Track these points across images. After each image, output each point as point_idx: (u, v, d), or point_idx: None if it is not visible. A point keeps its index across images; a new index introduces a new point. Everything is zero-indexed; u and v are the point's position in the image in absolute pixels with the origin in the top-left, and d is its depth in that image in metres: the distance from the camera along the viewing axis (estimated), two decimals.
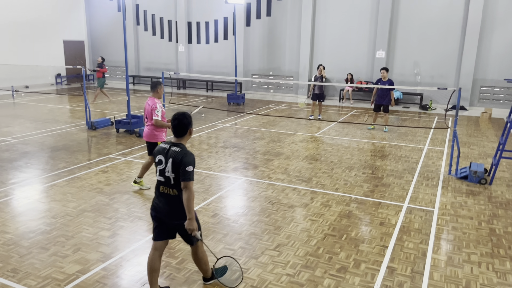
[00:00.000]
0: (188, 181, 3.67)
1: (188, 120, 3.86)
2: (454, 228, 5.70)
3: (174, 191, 3.79)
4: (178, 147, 3.79)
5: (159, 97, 6.71)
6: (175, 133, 3.86)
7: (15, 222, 5.66)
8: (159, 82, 6.72)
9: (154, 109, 6.50)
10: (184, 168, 3.66)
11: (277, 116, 14.09)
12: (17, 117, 13.19)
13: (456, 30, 16.24)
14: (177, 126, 3.83)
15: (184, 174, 3.66)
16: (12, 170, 7.90)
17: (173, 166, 3.72)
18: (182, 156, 3.69)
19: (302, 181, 7.52)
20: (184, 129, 3.85)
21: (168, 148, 3.82)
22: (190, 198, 3.68)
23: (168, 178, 3.79)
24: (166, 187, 3.83)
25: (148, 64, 23.38)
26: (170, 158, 3.75)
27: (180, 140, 3.87)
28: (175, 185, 3.77)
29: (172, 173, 3.74)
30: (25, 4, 20.24)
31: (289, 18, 19.19)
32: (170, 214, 3.83)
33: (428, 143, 10.68)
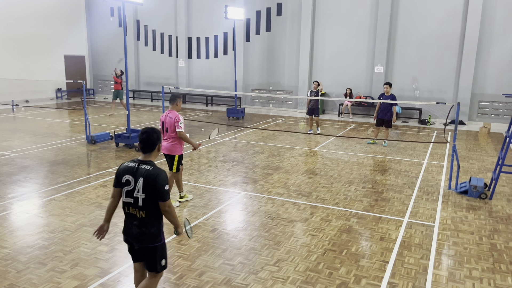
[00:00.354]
0: (166, 200, 3.52)
1: (157, 135, 3.64)
2: (455, 243, 5.66)
3: (142, 213, 3.54)
4: (149, 165, 3.55)
5: (178, 110, 6.76)
6: (143, 149, 3.63)
7: (13, 236, 5.62)
8: (178, 95, 6.79)
9: (177, 121, 6.52)
10: (161, 189, 3.47)
11: (276, 130, 14.12)
12: (17, 131, 13.20)
13: (454, 45, 16.40)
14: (145, 141, 3.60)
15: (163, 194, 3.48)
16: (10, 184, 7.87)
17: (145, 186, 3.48)
18: (157, 175, 3.48)
19: (302, 196, 7.49)
20: (152, 144, 3.62)
21: (136, 166, 3.57)
22: (175, 215, 3.60)
23: (136, 199, 3.54)
24: (133, 209, 3.58)
25: (148, 79, 23.52)
26: (140, 178, 3.50)
27: (149, 157, 3.63)
28: (144, 206, 3.53)
29: (143, 193, 3.50)
30: (27, 19, 20.45)
31: (288, 34, 19.39)
32: (138, 237, 3.60)
33: (427, 157, 10.68)
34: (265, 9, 19.78)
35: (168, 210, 3.55)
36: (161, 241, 3.67)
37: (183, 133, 6.57)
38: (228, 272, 4.77)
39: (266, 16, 19.82)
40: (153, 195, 3.49)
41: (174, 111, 6.66)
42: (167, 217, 3.61)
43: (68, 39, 23.02)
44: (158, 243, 3.64)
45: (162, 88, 10.99)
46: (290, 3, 19.14)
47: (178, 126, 6.52)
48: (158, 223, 3.62)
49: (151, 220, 3.57)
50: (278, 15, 19.52)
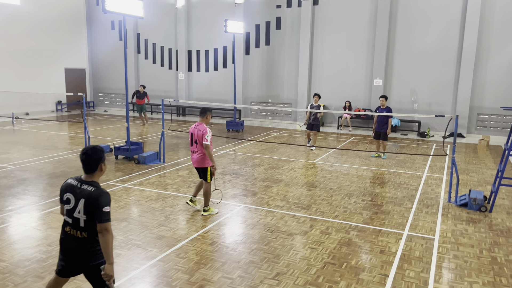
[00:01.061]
0: (106, 222, 3.34)
1: (98, 155, 3.48)
2: (455, 256, 5.63)
3: (84, 233, 3.42)
4: (91, 185, 3.43)
5: (207, 123, 6.90)
6: (84, 170, 3.50)
7: (11, 250, 5.58)
8: (208, 109, 6.94)
9: (205, 134, 6.67)
10: (100, 209, 3.33)
11: (276, 143, 14.14)
12: (16, 144, 13.21)
13: (452, 58, 16.54)
14: (85, 162, 3.46)
15: (102, 216, 3.32)
16: (9, 197, 7.85)
17: (86, 207, 3.36)
18: (98, 197, 3.35)
19: (302, 208, 7.47)
20: (93, 165, 3.47)
21: (78, 186, 3.46)
22: (109, 242, 3.36)
23: (76, 220, 3.41)
24: (73, 229, 3.45)
25: (148, 92, 23.48)
26: (82, 198, 3.38)
27: (91, 178, 3.50)
28: (85, 228, 3.40)
29: (84, 215, 3.38)
30: (28, 32, 20.63)
31: (287, 47, 19.55)
32: (79, 257, 3.47)
33: (427, 170, 10.68)
34: (264, 23, 19.98)
35: (103, 232, 3.34)
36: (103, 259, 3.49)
37: (209, 146, 6.70)
38: (227, 286, 4.73)
39: (266, 29, 20.01)
40: (93, 216, 3.36)
41: (203, 124, 6.84)
42: (100, 240, 3.37)
43: (69, 52, 23.18)
44: (102, 260, 3.49)
45: (162, 100, 11.03)
46: (289, 17, 19.35)
47: (205, 139, 6.68)
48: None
49: (95, 240, 3.45)
50: (277, 28, 19.71)
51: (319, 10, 18.64)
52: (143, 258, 5.39)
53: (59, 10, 22.28)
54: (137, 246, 5.76)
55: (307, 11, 18.60)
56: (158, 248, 5.72)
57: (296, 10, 19.09)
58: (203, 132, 6.70)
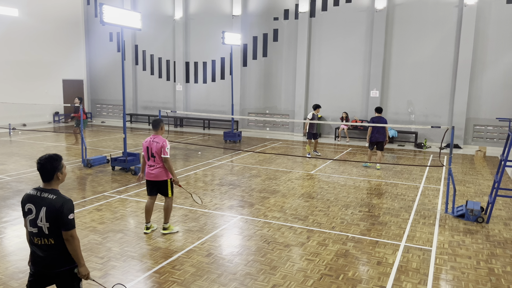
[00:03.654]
0: (71, 229, 3.38)
1: (52, 165, 3.45)
2: (453, 267, 5.61)
3: (51, 240, 3.42)
4: (52, 193, 3.42)
5: (162, 134, 6.61)
6: (42, 178, 3.49)
7: (5, 262, 5.53)
8: (161, 120, 6.66)
9: (164, 146, 6.35)
10: (65, 217, 3.35)
11: (273, 154, 14.14)
12: (13, 155, 13.17)
13: (448, 70, 16.68)
14: (40, 171, 3.45)
15: (67, 224, 3.35)
16: (5, 208, 7.80)
17: (48, 215, 3.36)
18: (62, 204, 3.36)
19: (298, 220, 7.45)
20: (48, 174, 3.45)
21: (38, 195, 3.45)
22: (76, 247, 3.41)
23: (40, 228, 3.41)
24: (38, 238, 3.43)
25: (145, 103, 23.67)
26: (43, 207, 3.38)
27: (50, 186, 3.49)
28: (50, 234, 3.41)
29: (47, 223, 3.37)
30: (26, 43, 20.71)
31: (284, 59, 19.69)
32: (49, 264, 3.47)
33: (424, 181, 10.69)
34: (261, 34, 20.14)
35: (70, 239, 3.38)
36: (73, 263, 3.50)
37: (169, 160, 6.40)
38: None
39: (263, 41, 20.16)
40: (57, 223, 3.37)
41: (159, 135, 6.50)
42: (68, 247, 3.41)
43: (67, 64, 23.27)
44: (71, 265, 3.49)
45: (159, 112, 11.05)
46: (286, 29, 19.52)
47: (164, 152, 6.34)
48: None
49: (62, 245, 3.44)
50: (274, 40, 19.87)
51: (316, 22, 18.82)
52: (138, 270, 5.35)
53: (58, 22, 22.42)
54: (133, 258, 5.72)
55: (304, 23, 18.78)
56: (154, 259, 5.68)
57: (293, 22, 19.27)
58: (162, 144, 6.35)
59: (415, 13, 16.96)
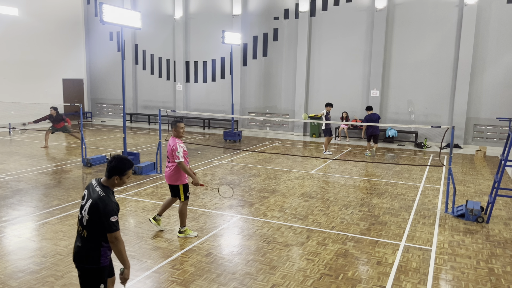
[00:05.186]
0: (114, 231, 3.37)
1: (114, 165, 3.52)
2: (453, 267, 5.60)
3: (85, 232, 3.46)
4: (103, 191, 3.46)
5: (179, 136, 6.43)
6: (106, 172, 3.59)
7: (4, 261, 5.52)
8: (177, 120, 6.50)
9: (175, 150, 6.17)
10: (107, 219, 3.34)
11: (273, 153, 14.13)
12: (13, 154, 13.16)
13: (448, 70, 16.66)
14: (107, 166, 3.55)
15: (109, 226, 3.35)
16: (4, 207, 7.79)
17: (91, 209, 3.40)
18: (104, 206, 3.37)
19: (298, 219, 7.44)
20: (109, 171, 3.53)
21: (94, 186, 3.53)
22: (121, 249, 3.42)
23: (83, 217, 3.46)
24: (79, 226, 3.53)
25: (145, 102, 23.65)
26: (90, 199, 3.43)
27: (107, 183, 3.55)
28: (87, 227, 3.43)
29: (87, 215, 3.41)
30: (26, 43, 20.69)
31: (284, 58, 19.67)
32: (77, 255, 3.51)
33: (424, 181, 10.68)
34: (262, 34, 20.12)
35: (114, 242, 3.39)
36: (97, 265, 3.47)
37: (182, 164, 6.15)
38: None
39: (263, 41, 20.14)
40: (97, 222, 3.39)
41: (173, 137, 6.39)
42: (113, 250, 3.44)
43: (67, 63, 23.25)
44: (93, 266, 3.47)
45: (159, 111, 11.03)
46: (286, 28, 19.51)
47: (176, 156, 6.14)
48: (98, 247, 3.45)
49: (91, 242, 3.44)
50: (274, 40, 19.85)
51: (316, 22, 18.80)
52: (138, 270, 5.34)
53: (58, 21, 22.40)
54: (132, 257, 5.71)
55: (304, 22, 18.77)
56: (153, 259, 5.67)
57: (294, 22, 19.25)
58: (172, 147, 6.19)
59: (415, 13, 16.94)
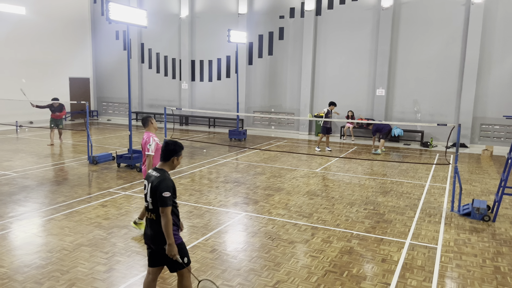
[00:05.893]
0: (164, 207, 3.65)
1: (173, 148, 3.85)
2: (458, 265, 5.56)
3: (153, 215, 3.79)
4: (158, 172, 3.81)
5: (154, 130, 6.51)
6: (161, 157, 3.90)
7: (11, 256, 5.56)
8: (148, 116, 6.55)
9: (147, 142, 6.26)
10: (160, 194, 3.64)
11: (278, 151, 14.12)
12: (19, 152, 13.26)
13: (454, 69, 16.55)
14: (163, 151, 3.87)
15: (161, 200, 3.65)
16: (11, 203, 7.85)
17: (151, 191, 3.74)
18: (159, 182, 3.69)
19: (303, 217, 7.43)
20: (166, 155, 3.85)
21: (151, 173, 3.88)
22: (167, 224, 3.66)
23: (148, 203, 3.81)
24: (148, 212, 3.85)
25: (151, 101, 23.73)
26: (150, 183, 3.78)
27: (163, 166, 3.88)
28: (153, 210, 3.77)
29: (150, 198, 3.76)
30: (33, 41, 20.83)
31: (290, 57, 19.65)
32: (152, 238, 3.82)
33: (429, 179, 10.62)
34: (267, 33, 20.12)
35: (162, 215, 3.67)
36: (176, 241, 3.77)
37: (150, 156, 6.20)
38: None
39: (269, 40, 20.13)
40: (156, 200, 3.70)
41: (146, 132, 6.43)
42: (162, 223, 3.69)
43: (74, 62, 23.38)
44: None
45: (165, 109, 11.07)
46: (292, 27, 19.49)
47: (147, 149, 6.21)
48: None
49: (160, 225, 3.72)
50: (280, 39, 19.84)
51: (322, 21, 18.76)
52: (142, 265, 5.36)
53: (64, 20, 22.53)
54: (137, 253, 5.73)
55: (310, 21, 18.74)
56: None
57: (299, 21, 19.22)
58: (145, 140, 6.26)
59: (421, 11, 16.85)
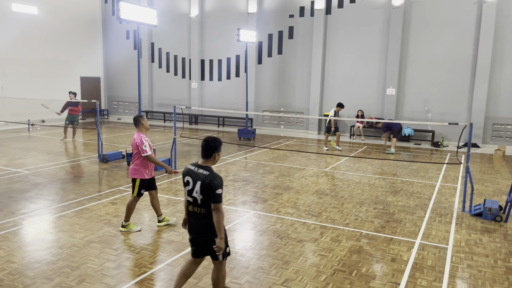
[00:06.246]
0: (218, 203, 3.86)
1: (215, 144, 4.04)
2: (469, 266, 5.49)
3: (202, 209, 3.98)
4: (206, 170, 3.97)
5: (145, 130, 6.47)
6: (202, 155, 4.07)
7: (22, 252, 5.63)
8: (139, 115, 6.51)
9: (140, 144, 6.22)
10: (214, 191, 3.84)
11: (287, 150, 14.09)
12: (31, 150, 13.42)
13: (466, 67, 16.35)
14: (203, 148, 4.05)
15: (215, 197, 3.85)
16: (22, 200, 7.95)
17: (202, 188, 3.90)
18: (211, 180, 3.87)
19: (312, 216, 7.40)
20: (208, 151, 4.03)
21: (195, 170, 4.01)
22: (220, 219, 3.88)
23: (195, 198, 3.98)
24: (194, 206, 4.02)
25: (161, 100, 23.85)
26: (198, 181, 3.93)
27: (206, 163, 4.05)
28: (202, 204, 3.95)
29: (200, 195, 3.93)
30: (45, 41, 21.07)
31: (299, 56, 19.59)
32: (200, 231, 4.04)
33: (440, 179, 10.51)
34: (277, 32, 20.09)
35: (215, 211, 3.89)
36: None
37: (151, 156, 6.23)
38: None
39: (278, 39, 20.10)
40: (208, 196, 3.89)
41: (137, 132, 6.40)
42: (214, 218, 3.91)
43: (85, 61, 23.60)
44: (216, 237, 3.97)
45: (174, 108, 11.10)
46: (301, 26, 19.43)
47: (143, 150, 6.19)
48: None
49: (210, 218, 3.94)
50: (290, 38, 19.79)
51: (332, 20, 18.68)
52: (151, 262, 5.39)
53: (76, 20, 22.74)
54: (146, 250, 5.76)
55: (319, 20, 18.67)
56: (167, 252, 5.71)
57: (309, 20, 19.16)
58: (137, 142, 6.22)
59: (433, 10, 16.68)
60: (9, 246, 5.79)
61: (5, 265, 5.19)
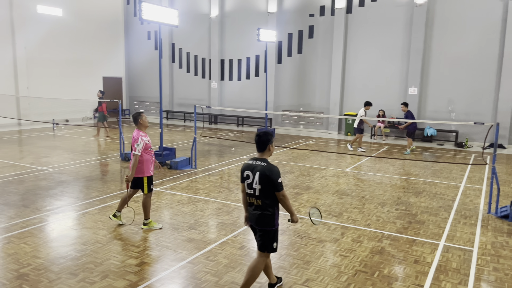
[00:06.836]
0: (280, 191, 4.17)
1: (267, 137, 4.29)
2: (495, 269, 5.35)
3: (259, 201, 4.24)
4: (263, 162, 4.24)
5: (142, 128, 6.45)
6: (257, 149, 4.34)
7: (47, 247, 5.76)
8: (138, 113, 6.52)
9: (133, 142, 6.26)
10: (275, 181, 4.14)
11: (307, 150, 14.01)
12: (56, 148, 13.73)
13: (492, 66, 15.93)
14: (257, 142, 4.31)
15: (277, 186, 4.15)
16: (47, 197, 8.14)
17: (260, 179, 4.17)
18: (270, 171, 4.15)
19: (333, 216, 7.34)
20: (263, 145, 4.29)
21: (253, 163, 4.28)
22: (288, 203, 4.25)
23: (254, 190, 4.24)
24: (253, 198, 4.28)
25: (181, 100, 24.07)
26: (257, 172, 4.19)
27: (263, 155, 4.33)
28: (260, 196, 4.21)
29: (259, 185, 4.19)
30: (69, 42, 21.54)
31: (320, 56, 19.46)
32: (257, 220, 4.28)
33: (465, 180, 10.27)
34: (297, 31, 20.00)
35: (282, 198, 4.21)
36: (274, 226, 4.30)
37: (136, 156, 6.15)
38: None
39: (298, 38, 20.02)
40: (268, 186, 4.16)
41: (136, 130, 6.42)
42: (282, 205, 4.26)
43: (107, 62, 24.02)
44: (271, 228, 4.29)
45: (195, 107, 11.18)
46: (322, 25, 19.30)
47: (134, 149, 6.17)
48: (273, 210, 4.26)
49: (266, 207, 4.23)
50: (310, 37, 19.68)
51: (353, 18, 18.49)
52: (172, 260, 5.43)
53: (99, 21, 23.17)
54: (167, 248, 5.82)
55: (340, 19, 18.50)
56: (188, 250, 5.75)
57: (329, 19, 19.02)
58: (134, 139, 6.24)
59: (457, 7, 16.32)
60: (35, 242, 5.94)
61: (31, 260, 5.32)
